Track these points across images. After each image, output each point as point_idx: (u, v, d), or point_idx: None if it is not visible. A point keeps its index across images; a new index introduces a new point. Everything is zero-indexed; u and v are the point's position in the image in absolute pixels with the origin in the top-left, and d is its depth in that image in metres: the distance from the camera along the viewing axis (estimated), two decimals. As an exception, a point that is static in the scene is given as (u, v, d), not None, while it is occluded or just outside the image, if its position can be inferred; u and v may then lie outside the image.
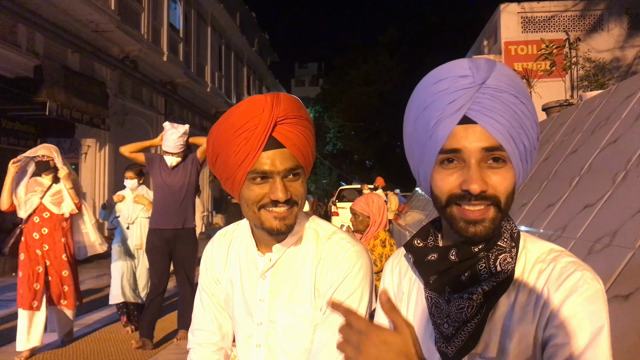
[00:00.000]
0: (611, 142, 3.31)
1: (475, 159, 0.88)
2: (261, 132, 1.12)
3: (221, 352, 1.45)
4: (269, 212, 1.18)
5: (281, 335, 1.28)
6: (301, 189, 1.21)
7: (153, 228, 5.13)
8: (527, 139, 0.91)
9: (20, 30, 9.94)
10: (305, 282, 1.27)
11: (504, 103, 0.88)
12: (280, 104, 1.16)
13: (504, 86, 0.89)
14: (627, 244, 2.35)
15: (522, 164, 0.93)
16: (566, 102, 5.91)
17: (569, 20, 15.17)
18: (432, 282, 0.97)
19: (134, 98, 14.77)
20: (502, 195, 0.89)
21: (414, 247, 1.04)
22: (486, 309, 0.90)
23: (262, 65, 31.37)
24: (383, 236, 3.79)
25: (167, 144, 5.06)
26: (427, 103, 0.93)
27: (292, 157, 1.17)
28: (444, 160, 0.91)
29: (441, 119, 0.89)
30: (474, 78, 0.89)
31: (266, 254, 1.31)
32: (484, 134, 0.88)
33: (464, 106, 0.88)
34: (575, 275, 0.88)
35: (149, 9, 14.81)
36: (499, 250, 0.93)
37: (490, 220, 0.89)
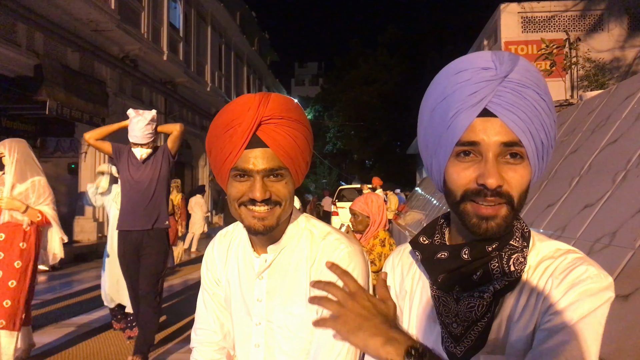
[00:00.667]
0: (611, 142, 3.31)
1: (493, 153, 0.86)
2: (245, 130, 1.13)
3: (223, 352, 1.45)
4: (249, 211, 1.19)
5: (279, 336, 1.28)
6: (284, 190, 1.19)
7: (121, 230, 4.54)
8: (546, 137, 0.90)
9: (20, 29, 9.93)
10: (301, 283, 1.27)
11: (526, 98, 0.86)
12: (269, 104, 1.16)
13: (526, 81, 0.87)
14: (627, 243, 2.35)
15: (539, 162, 0.92)
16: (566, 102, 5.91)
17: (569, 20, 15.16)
18: (440, 281, 0.96)
19: (134, 97, 14.77)
20: (515, 193, 0.88)
21: (420, 245, 1.03)
22: (495, 307, 0.90)
23: (262, 64, 31.36)
24: (382, 236, 3.79)
25: (134, 133, 4.50)
26: (447, 93, 0.91)
27: (274, 157, 1.16)
28: (460, 153, 0.89)
29: (461, 110, 0.88)
30: (497, 71, 0.88)
31: (262, 255, 1.31)
32: (503, 128, 0.86)
33: (485, 98, 0.86)
34: (579, 269, 0.87)
35: (148, 8, 14.80)
36: (511, 249, 0.92)
37: (503, 217, 0.88)
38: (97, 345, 5.21)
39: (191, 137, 20.27)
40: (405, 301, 1.08)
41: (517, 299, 0.91)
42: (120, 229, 4.54)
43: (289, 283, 1.28)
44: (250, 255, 1.34)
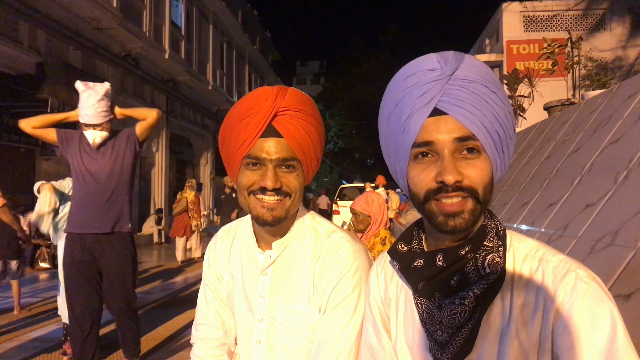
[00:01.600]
0: (613, 142, 3.30)
1: (448, 149, 0.87)
2: (261, 118, 1.15)
3: (224, 348, 1.45)
4: (258, 200, 1.19)
5: (280, 333, 1.28)
6: (295, 181, 1.20)
7: (71, 233, 3.65)
8: (501, 128, 0.90)
9: (22, 28, 9.94)
10: (304, 280, 1.26)
11: (475, 93, 0.88)
12: (286, 96, 1.18)
13: (473, 77, 0.89)
14: (628, 243, 2.35)
15: (499, 154, 0.92)
16: (568, 102, 5.90)
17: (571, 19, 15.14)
18: (420, 289, 0.95)
19: (136, 96, 14.78)
20: (478, 186, 0.88)
21: (398, 253, 1.02)
22: (480, 312, 0.89)
23: (264, 63, 31.36)
24: (383, 234, 3.79)
25: (85, 112, 3.69)
26: (398, 99, 0.93)
27: (288, 147, 1.17)
28: (417, 155, 0.91)
29: (412, 113, 0.89)
30: (443, 70, 0.89)
31: (266, 251, 1.31)
32: (455, 124, 0.87)
33: (434, 98, 0.88)
34: (569, 277, 0.86)
35: (150, 6, 14.81)
36: (486, 250, 0.91)
37: (469, 212, 0.88)
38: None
39: (192, 136, 20.29)
40: (391, 308, 1.07)
41: (506, 305, 0.90)
42: (69, 231, 3.65)
43: (293, 280, 1.28)
44: (254, 251, 1.34)
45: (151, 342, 5.23)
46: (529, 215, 3.94)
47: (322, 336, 1.21)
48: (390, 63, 38.48)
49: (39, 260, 10.10)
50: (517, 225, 4.06)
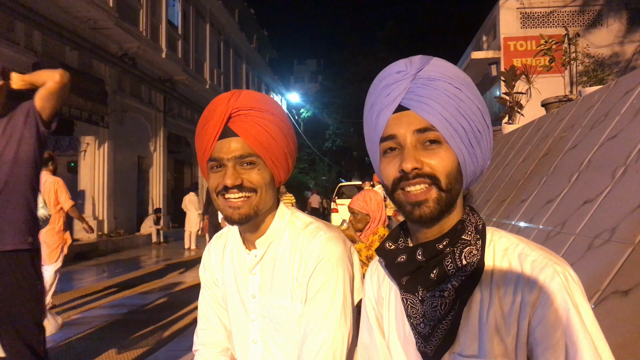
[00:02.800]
0: (610, 138, 3.31)
1: (409, 141, 0.94)
2: (217, 121, 1.21)
3: (227, 354, 1.45)
4: (225, 200, 1.22)
5: (272, 330, 1.30)
6: (257, 176, 1.23)
7: None
8: (466, 121, 0.95)
9: (18, 28, 9.92)
10: (286, 275, 1.29)
11: (436, 89, 0.94)
12: (239, 98, 1.24)
13: (436, 75, 0.95)
14: (626, 239, 2.35)
15: (466, 146, 0.95)
16: (565, 98, 5.91)
17: (568, 15, 15.15)
18: (405, 284, 0.99)
19: (133, 95, 14.75)
20: (440, 173, 0.92)
21: (385, 251, 1.06)
22: (459, 304, 0.92)
23: (261, 61, 31.33)
24: (382, 232, 3.79)
25: None
26: (372, 101, 1.02)
27: (245, 145, 1.21)
28: (386, 150, 0.97)
29: (380, 111, 0.98)
30: (407, 71, 0.97)
31: (252, 251, 1.34)
32: (415, 117, 0.94)
33: (399, 96, 0.95)
34: (546, 271, 0.88)
35: (147, 6, 14.78)
36: (463, 244, 0.95)
37: (434, 200, 0.92)
38: (96, 343, 5.22)
39: (190, 135, 20.28)
40: (383, 307, 1.11)
41: (485, 297, 0.93)
42: None
43: (278, 277, 1.30)
44: (242, 251, 1.37)
45: (150, 343, 5.23)
46: (527, 212, 3.94)
47: (306, 327, 1.23)
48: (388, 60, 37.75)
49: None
50: (515, 222, 4.07)
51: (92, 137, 12.83)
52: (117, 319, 6.22)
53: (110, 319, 6.24)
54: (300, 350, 1.23)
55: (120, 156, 13.80)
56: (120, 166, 13.93)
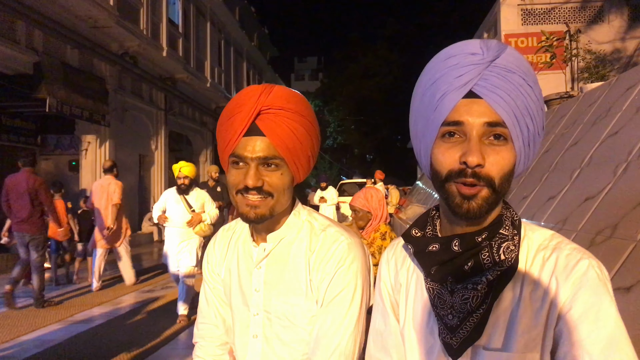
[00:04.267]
0: (612, 134, 3.30)
1: (476, 132, 0.89)
2: (244, 117, 1.16)
3: (225, 348, 1.45)
4: (244, 198, 1.21)
5: (277, 326, 1.29)
6: (278, 181, 1.21)
7: None
8: (532, 122, 0.92)
9: (19, 27, 9.91)
10: (300, 273, 1.27)
11: (511, 83, 0.89)
12: (270, 94, 1.19)
13: (512, 67, 0.90)
14: (628, 236, 2.35)
15: (524, 148, 0.93)
16: (567, 94, 5.89)
17: (569, 12, 15.11)
18: (433, 273, 0.97)
19: (134, 94, 14.74)
20: (496, 175, 0.89)
21: (412, 237, 1.04)
22: (491, 299, 0.90)
23: (262, 59, 31.29)
24: (384, 229, 3.79)
25: None
26: (435, 78, 0.94)
27: (270, 146, 1.18)
28: (445, 134, 0.92)
29: (447, 92, 0.91)
30: (484, 56, 0.91)
31: (260, 244, 1.33)
32: (488, 108, 0.89)
33: (472, 81, 0.89)
34: (582, 264, 0.88)
35: (147, 4, 14.76)
36: (501, 238, 0.93)
37: (483, 198, 0.89)
38: (98, 341, 5.23)
39: (191, 133, 20.28)
40: (400, 294, 1.09)
41: (516, 292, 0.92)
42: None
43: (289, 274, 1.29)
44: (249, 245, 1.36)
45: (153, 340, 5.24)
46: (529, 209, 3.94)
47: (320, 329, 1.22)
48: (388, 58, 38.40)
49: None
50: (517, 219, 4.06)
51: (94, 135, 12.82)
52: (119, 316, 6.24)
53: (112, 316, 6.26)
54: (312, 352, 1.23)
55: (122, 155, 13.79)
56: (122, 165, 13.90)
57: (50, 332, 5.56)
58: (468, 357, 0.93)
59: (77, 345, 5.12)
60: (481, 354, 0.92)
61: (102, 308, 6.72)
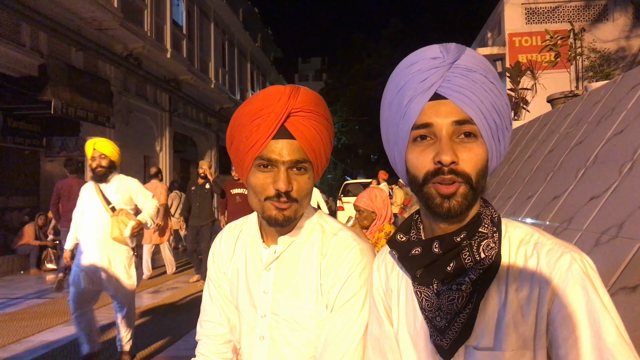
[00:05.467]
0: (617, 133, 3.29)
1: (446, 131, 0.91)
2: (274, 119, 1.14)
3: (229, 346, 1.45)
4: (271, 203, 1.19)
5: (285, 328, 1.28)
6: (306, 185, 1.21)
7: None
8: (499, 117, 0.94)
9: (24, 30, 9.96)
10: (310, 277, 1.27)
11: (474, 81, 0.92)
12: (299, 97, 1.18)
13: (473, 66, 0.93)
14: (634, 235, 2.34)
15: (495, 143, 0.95)
16: (571, 93, 5.88)
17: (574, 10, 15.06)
18: (419, 276, 0.98)
19: (138, 95, 14.78)
20: (472, 171, 0.91)
21: (397, 243, 1.05)
22: (477, 298, 0.91)
23: (266, 60, 31.32)
24: (388, 229, 3.79)
25: None
26: (401, 85, 0.97)
27: (300, 149, 1.17)
28: (417, 138, 0.94)
29: (413, 97, 0.94)
30: (445, 58, 0.94)
31: (271, 246, 1.32)
32: (454, 108, 0.91)
33: (435, 83, 0.92)
34: (564, 259, 0.88)
35: (151, 6, 14.80)
36: (481, 236, 0.94)
37: (462, 195, 0.91)
38: (105, 342, 5.24)
39: (196, 135, 20.31)
40: (392, 299, 1.10)
41: (502, 290, 0.92)
42: None
43: (299, 277, 1.28)
44: (259, 246, 1.34)
45: (158, 340, 5.25)
46: (534, 209, 3.93)
47: (329, 334, 1.22)
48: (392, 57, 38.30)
49: (45, 262, 10.15)
50: (522, 218, 4.05)
51: (99, 137, 12.87)
52: (125, 318, 6.24)
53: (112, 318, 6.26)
54: (320, 356, 1.23)
55: (127, 156, 13.80)
56: (127, 166, 13.97)
57: (57, 333, 5.58)
58: (461, 357, 0.94)
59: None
60: (473, 354, 0.92)
61: (108, 309, 6.73)
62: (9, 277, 9.41)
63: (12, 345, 5.17)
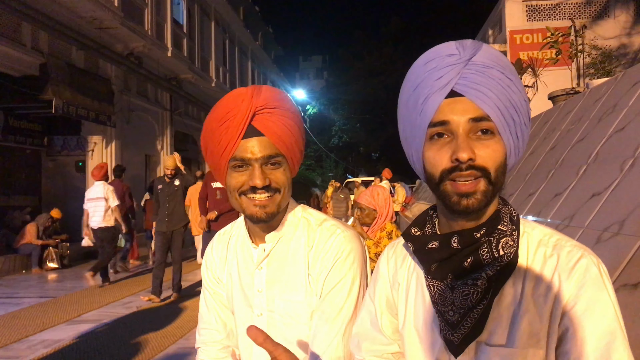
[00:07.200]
0: (618, 130, 3.29)
1: (463, 129, 0.90)
2: (240, 120, 1.17)
3: (228, 351, 1.46)
4: (250, 200, 1.21)
5: (281, 325, 1.30)
6: (282, 177, 1.23)
7: None
8: (517, 114, 0.93)
9: (24, 29, 9.96)
10: (299, 269, 1.29)
11: (491, 78, 0.91)
12: (261, 94, 1.20)
13: (490, 63, 0.92)
14: (635, 232, 2.34)
15: (513, 139, 0.94)
16: (572, 91, 5.87)
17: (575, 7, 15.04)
18: (433, 270, 0.98)
19: (139, 94, 14.79)
20: (491, 166, 0.90)
21: (412, 236, 1.05)
22: (492, 294, 0.91)
23: (267, 59, 31.30)
24: (389, 228, 3.79)
25: None
26: (417, 83, 0.96)
27: (271, 145, 1.19)
28: (433, 135, 0.93)
29: (430, 95, 0.93)
30: (461, 55, 0.93)
31: (260, 245, 1.33)
32: (471, 105, 0.90)
33: (452, 81, 0.91)
34: (583, 261, 0.89)
35: (152, 4, 14.79)
36: (500, 234, 0.94)
37: (482, 192, 0.90)
38: (106, 341, 5.26)
39: (197, 133, 20.28)
40: (399, 292, 1.10)
41: (518, 288, 0.93)
42: None
43: (289, 271, 1.30)
44: (248, 246, 1.36)
45: (160, 340, 5.25)
46: (535, 206, 3.93)
47: (318, 320, 1.24)
48: (393, 56, 38.33)
49: (47, 260, 10.16)
50: (524, 215, 4.04)
51: (100, 136, 12.87)
52: (127, 316, 6.26)
53: (120, 316, 6.28)
54: (311, 343, 1.24)
55: (128, 155, 13.83)
56: (128, 165, 13.98)
57: (59, 332, 5.59)
58: (472, 353, 0.94)
59: (85, 346, 5.14)
60: (484, 350, 0.93)
61: (110, 308, 6.75)
62: (10, 276, 9.43)
63: (13, 344, 5.18)
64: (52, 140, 14.05)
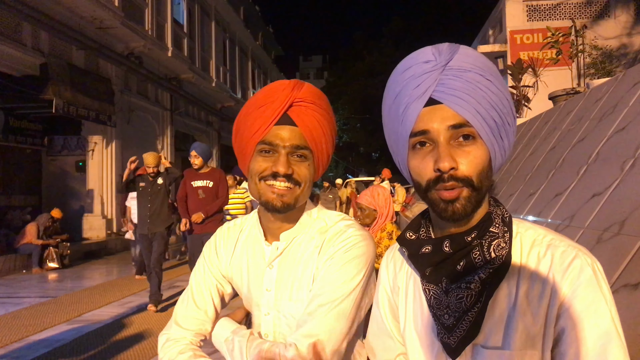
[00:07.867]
0: (619, 130, 3.28)
1: (444, 137, 0.90)
2: (277, 107, 1.19)
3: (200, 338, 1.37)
4: (269, 186, 1.22)
5: (285, 325, 1.28)
6: (306, 171, 1.23)
7: None
8: (498, 115, 0.93)
9: (25, 29, 9.96)
10: (308, 271, 1.27)
11: (468, 82, 0.91)
12: (302, 88, 1.24)
13: (467, 66, 0.92)
14: (636, 232, 2.34)
15: (497, 141, 0.94)
16: (573, 91, 5.86)
17: (575, 7, 15.03)
18: (428, 275, 0.99)
19: (140, 94, 14.79)
20: (473, 174, 0.91)
21: (407, 241, 1.05)
22: (486, 297, 0.91)
23: (267, 58, 31.29)
24: (390, 228, 3.78)
25: None
26: (397, 91, 0.97)
27: (301, 136, 1.21)
28: (415, 144, 0.94)
29: (409, 104, 0.93)
30: (437, 61, 0.93)
31: (273, 243, 1.31)
32: (450, 112, 0.90)
33: (429, 88, 0.91)
34: (577, 261, 0.89)
35: (152, 4, 14.79)
36: (492, 236, 0.94)
37: (466, 198, 0.91)
38: (106, 341, 5.25)
39: (197, 133, 20.30)
40: (399, 296, 1.11)
41: (512, 290, 0.92)
42: None
43: (298, 272, 1.28)
44: (261, 244, 1.34)
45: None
46: (536, 206, 3.93)
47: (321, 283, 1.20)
48: (394, 55, 38.30)
49: (47, 260, 10.16)
50: (524, 216, 4.05)
51: (100, 136, 12.88)
52: (127, 316, 6.26)
53: (120, 316, 6.28)
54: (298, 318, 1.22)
55: (128, 155, 13.73)
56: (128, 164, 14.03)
57: (59, 332, 5.58)
58: (469, 356, 0.94)
59: (85, 345, 5.14)
60: (481, 352, 0.93)
61: (110, 308, 6.75)
62: (11, 276, 9.43)
63: (14, 344, 5.18)
64: (52, 140, 14.06)
